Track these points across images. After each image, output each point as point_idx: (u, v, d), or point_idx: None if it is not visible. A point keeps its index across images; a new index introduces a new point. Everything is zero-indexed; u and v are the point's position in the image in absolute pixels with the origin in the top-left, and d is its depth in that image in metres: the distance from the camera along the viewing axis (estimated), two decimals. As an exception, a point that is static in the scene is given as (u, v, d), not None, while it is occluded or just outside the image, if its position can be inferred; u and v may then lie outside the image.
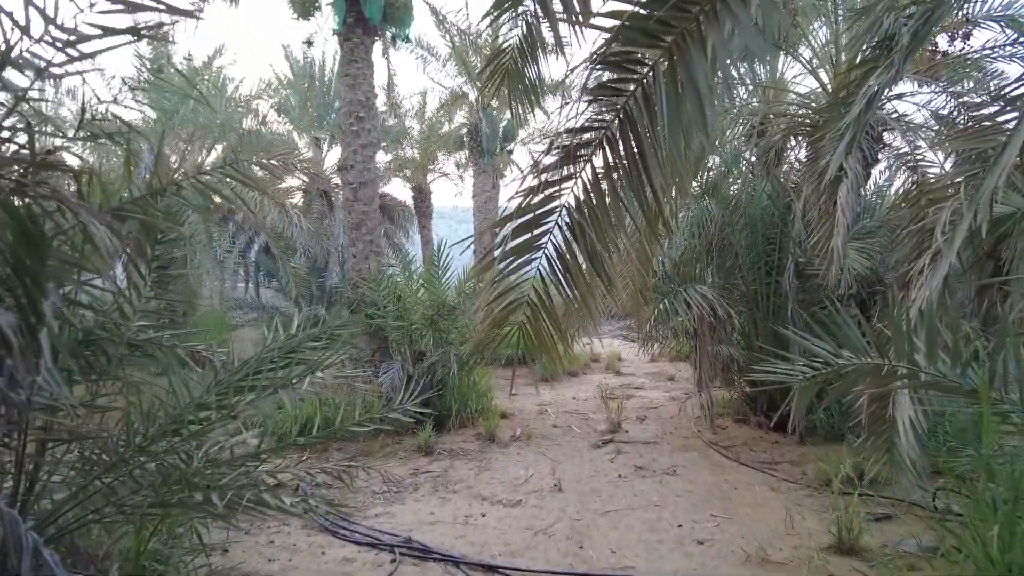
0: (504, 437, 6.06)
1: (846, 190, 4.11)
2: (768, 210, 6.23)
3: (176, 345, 2.96)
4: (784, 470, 5.13)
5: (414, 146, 16.40)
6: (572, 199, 1.96)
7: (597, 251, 1.90)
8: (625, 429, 6.38)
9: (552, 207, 1.95)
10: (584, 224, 1.92)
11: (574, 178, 1.94)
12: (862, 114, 4.15)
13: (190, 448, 2.34)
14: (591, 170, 1.95)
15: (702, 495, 4.58)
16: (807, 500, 4.47)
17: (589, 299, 1.95)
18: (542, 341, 2.08)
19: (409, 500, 4.50)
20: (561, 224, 1.96)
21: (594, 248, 1.89)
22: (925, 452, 3.29)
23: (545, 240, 1.98)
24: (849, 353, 2.57)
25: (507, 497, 4.49)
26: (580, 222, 1.93)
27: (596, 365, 10.75)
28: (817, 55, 6.48)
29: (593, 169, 1.95)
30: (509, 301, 2.00)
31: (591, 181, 1.94)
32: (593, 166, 1.95)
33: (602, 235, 1.93)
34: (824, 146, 4.55)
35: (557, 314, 2.04)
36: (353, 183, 6.98)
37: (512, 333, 2.22)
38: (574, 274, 1.94)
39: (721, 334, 5.95)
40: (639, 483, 4.81)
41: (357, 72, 7.06)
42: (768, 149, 6.47)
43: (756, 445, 5.81)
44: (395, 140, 16.01)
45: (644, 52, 1.89)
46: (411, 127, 16.31)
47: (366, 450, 5.58)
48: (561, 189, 1.95)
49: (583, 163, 1.95)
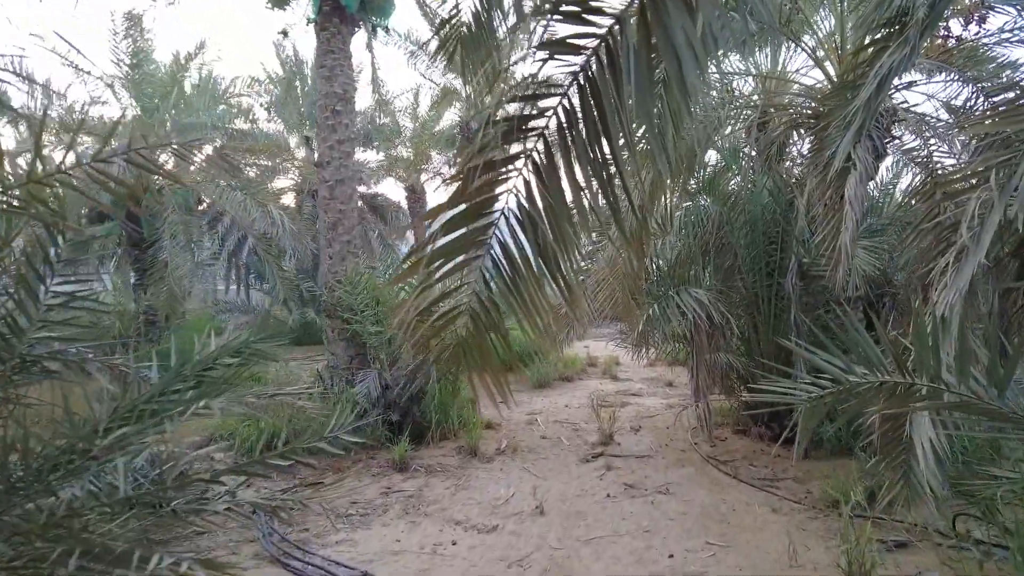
0: (488, 450, 5.67)
1: (854, 182, 3.71)
2: (769, 207, 5.84)
3: (83, 360, 2.57)
4: (787, 488, 4.73)
5: (407, 145, 16.04)
6: (522, 184, 1.57)
7: (550, 249, 1.51)
8: (617, 441, 5.98)
9: (497, 193, 1.56)
10: (535, 216, 1.53)
11: (523, 157, 1.56)
12: (872, 98, 3.75)
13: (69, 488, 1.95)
14: (544, 148, 1.57)
15: (697, 518, 4.18)
16: (812, 524, 4.07)
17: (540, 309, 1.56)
18: (487, 361, 1.70)
19: (376, 524, 4.11)
20: (509, 214, 1.58)
21: (546, 245, 1.51)
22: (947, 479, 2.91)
23: (489, 235, 1.59)
24: (863, 368, 2.18)
25: (483, 521, 4.10)
26: (530, 213, 1.54)
27: (592, 370, 10.36)
28: (822, 43, 6.09)
29: (547, 146, 1.56)
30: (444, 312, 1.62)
31: (543, 162, 1.55)
32: (547, 143, 1.57)
33: (558, 229, 1.55)
34: (830, 135, 4.15)
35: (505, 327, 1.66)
36: (329, 180, 6.60)
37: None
38: (524, 277, 1.56)
39: (719, 341, 5.54)
40: (629, 504, 4.41)
41: (334, 63, 6.67)
42: (769, 144, 6.07)
43: (756, 459, 5.40)
44: (387, 139, 15.66)
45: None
46: (404, 126, 15.96)
47: (337, 466, 5.19)
48: (507, 172, 1.56)
49: (534, 139, 1.56)
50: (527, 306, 1.56)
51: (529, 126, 1.57)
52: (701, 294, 5.21)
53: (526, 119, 1.56)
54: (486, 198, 1.56)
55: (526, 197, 1.56)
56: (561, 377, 9.41)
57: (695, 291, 5.27)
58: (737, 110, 6.38)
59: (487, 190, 1.56)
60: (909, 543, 3.68)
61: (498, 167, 1.54)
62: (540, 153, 1.57)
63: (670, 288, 5.44)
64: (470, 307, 1.62)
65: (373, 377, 5.86)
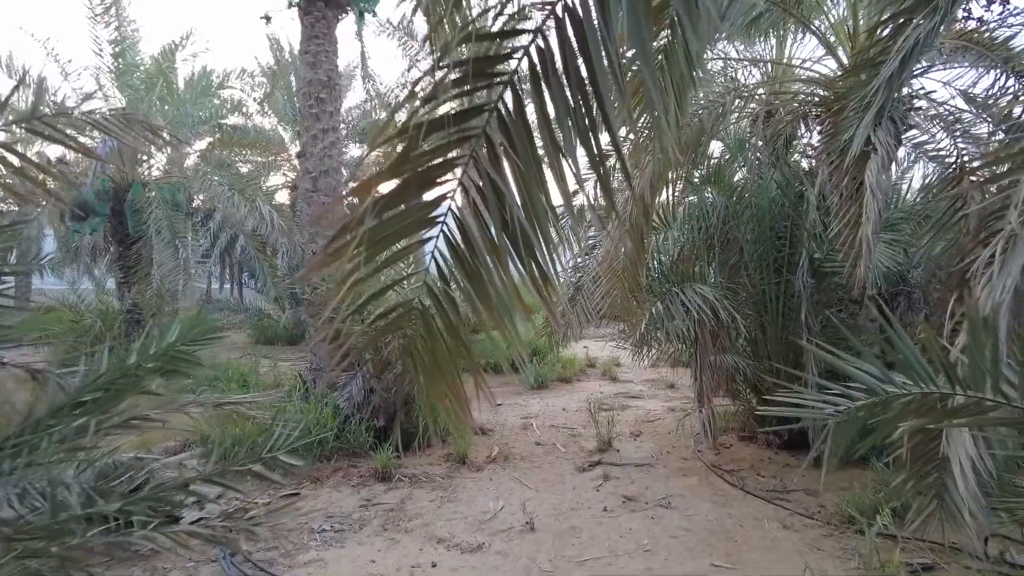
0: (478, 458, 5.32)
1: (876, 168, 3.37)
2: (777, 200, 5.49)
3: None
4: (797, 500, 4.39)
5: (403, 140, 15.69)
6: (484, 147, 1.23)
7: (518, 226, 1.17)
8: (616, 448, 5.64)
9: (453, 158, 1.22)
10: (500, 185, 1.19)
11: (486, 112, 1.22)
12: (895, 76, 3.40)
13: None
14: (514, 97, 1.22)
15: (702, 535, 3.84)
16: (827, 542, 3.72)
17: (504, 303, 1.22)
18: (442, 373, 1.35)
19: (351, 541, 3.77)
20: (468, 184, 1.24)
21: (514, 221, 1.17)
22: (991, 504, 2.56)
23: (443, 210, 1.25)
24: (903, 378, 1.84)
25: (467, 539, 3.75)
26: (495, 183, 1.20)
27: (592, 371, 10.02)
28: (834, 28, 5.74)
29: (516, 95, 1.22)
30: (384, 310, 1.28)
31: (512, 116, 1.21)
32: (516, 91, 1.23)
33: (531, 203, 1.21)
34: (846, 118, 3.81)
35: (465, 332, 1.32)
36: (313, 172, 6.26)
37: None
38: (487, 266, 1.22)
39: (724, 341, 5.19)
40: (627, 519, 4.07)
41: (318, 49, 6.34)
42: (776, 135, 5.71)
43: (764, 468, 5.06)
44: (383, 134, 15.30)
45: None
46: (400, 121, 15.59)
47: (316, 475, 4.85)
48: (467, 129, 1.22)
49: (499, 87, 1.22)
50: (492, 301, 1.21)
51: (495, 70, 1.22)
52: (707, 291, 4.85)
53: (490, 61, 1.22)
54: (440, 163, 1.22)
55: (490, 160, 1.22)
56: (559, 378, 9.07)
57: (700, 287, 4.92)
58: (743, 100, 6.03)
59: (440, 153, 1.22)
60: (936, 566, 3.34)
61: (453, 124, 1.19)
62: (508, 105, 1.22)
63: (673, 285, 5.09)
64: (419, 304, 1.28)
65: (357, 380, 5.53)
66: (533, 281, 1.21)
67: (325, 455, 5.13)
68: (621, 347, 6.19)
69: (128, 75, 10.05)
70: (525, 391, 8.46)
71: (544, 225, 1.21)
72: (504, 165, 1.22)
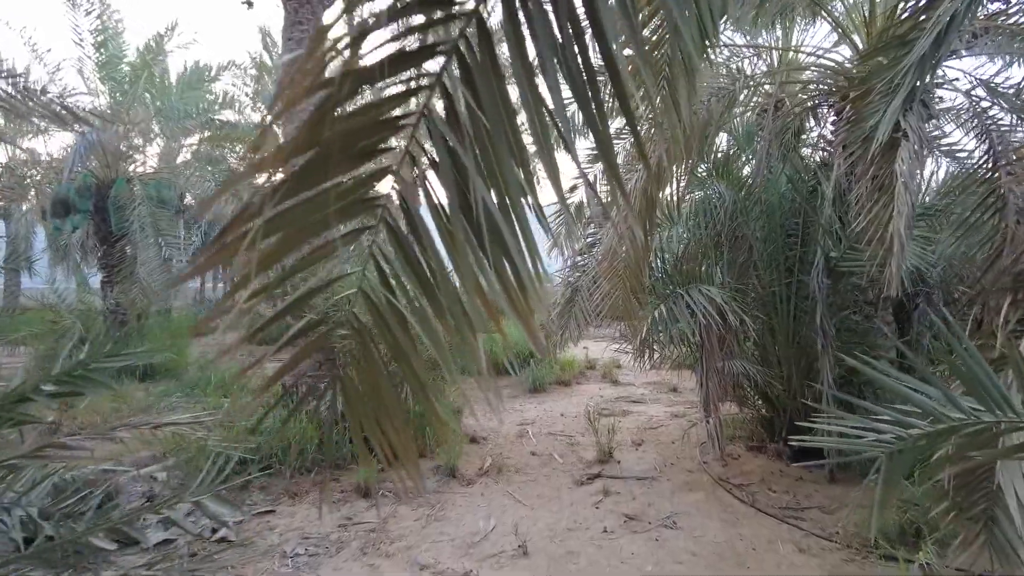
0: (469, 470, 4.98)
1: (908, 155, 3.02)
2: (787, 195, 5.15)
3: None
4: (813, 519, 4.05)
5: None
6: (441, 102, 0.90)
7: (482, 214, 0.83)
8: (617, 459, 5.30)
9: (394, 116, 0.89)
10: (460, 157, 0.85)
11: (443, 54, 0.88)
12: (929, 55, 3.05)
13: None
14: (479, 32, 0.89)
15: (710, 559, 3.50)
16: (848, 568, 3.39)
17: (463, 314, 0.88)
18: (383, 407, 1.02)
19: (326, 567, 3.43)
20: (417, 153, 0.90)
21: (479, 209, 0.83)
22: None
23: (384, 194, 0.92)
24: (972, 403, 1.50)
25: (453, 565, 3.41)
26: (454, 152, 0.86)
27: (592, 373, 9.69)
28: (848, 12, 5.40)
29: (484, 30, 0.88)
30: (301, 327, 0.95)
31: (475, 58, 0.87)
32: (483, 24, 0.89)
33: (503, 178, 0.87)
34: (871, 102, 3.46)
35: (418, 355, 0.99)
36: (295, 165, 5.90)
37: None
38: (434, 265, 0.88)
39: (732, 346, 4.84)
40: (629, 541, 3.73)
41: (302, 36, 5.99)
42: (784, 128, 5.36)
43: (776, 482, 4.72)
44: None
45: None
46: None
47: (294, 489, 4.51)
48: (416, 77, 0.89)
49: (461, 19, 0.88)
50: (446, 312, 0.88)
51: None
52: (714, 292, 4.51)
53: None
54: (377, 123, 0.88)
55: (447, 120, 0.88)
56: (558, 381, 8.74)
57: (707, 288, 4.58)
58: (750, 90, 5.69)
59: (377, 112, 0.87)
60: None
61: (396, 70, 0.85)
62: (472, 44, 0.88)
63: (678, 286, 4.75)
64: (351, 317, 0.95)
65: (339, 388, 5.18)
66: (505, 286, 0.87)
67: (306, 467, 4.79)
68: (622, 351, 5.85)
69: (111, 67, 9.70)
70: (522, 394, 8.13)
71: (520, 210, 0.87)
72: (466, 127, 0.87)
